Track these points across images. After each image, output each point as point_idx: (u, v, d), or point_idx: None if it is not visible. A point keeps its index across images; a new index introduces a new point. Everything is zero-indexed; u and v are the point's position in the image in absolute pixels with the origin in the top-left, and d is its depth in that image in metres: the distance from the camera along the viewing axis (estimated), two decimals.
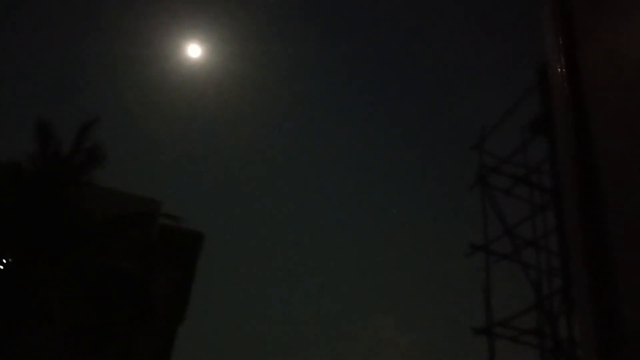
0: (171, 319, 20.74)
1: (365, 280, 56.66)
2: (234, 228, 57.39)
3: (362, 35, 52.30)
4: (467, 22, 50.46)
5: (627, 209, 1.92)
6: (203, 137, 54.92)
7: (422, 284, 54.68)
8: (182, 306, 21.84)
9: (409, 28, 51.50)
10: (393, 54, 52.51)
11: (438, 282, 55.27)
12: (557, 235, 15.35)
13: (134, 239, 17.01)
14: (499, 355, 15.56)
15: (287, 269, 58.81)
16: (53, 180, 15.65)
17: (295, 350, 52.65)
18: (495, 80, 51.58)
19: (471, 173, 17.68)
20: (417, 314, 51.39)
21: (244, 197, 57.14)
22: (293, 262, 58.04)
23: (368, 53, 51.47)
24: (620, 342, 1.79)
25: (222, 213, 53.90)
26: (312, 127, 56.37)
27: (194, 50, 33.20)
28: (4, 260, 15.30)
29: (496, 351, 15.47)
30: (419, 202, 56.77)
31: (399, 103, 55.48)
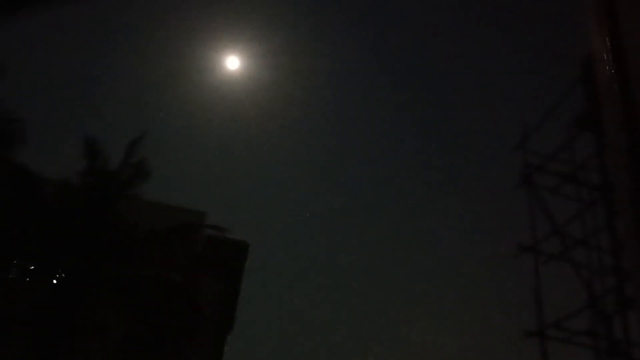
0: (220, 328, 20.95)
1: (413, 283, 56.26)
2: (279, 236, 57.77)
3: (401, 37, 52.13)
4: (508, 17, 49.77)
5: None
6: (244, 147, 55.50)
7: (471, 286, 53.93)
8: (230, 315, 22.03)
9: (449, 27, 51.09)
10: (434, 55, 52.16)
11: (487, 284, 54.49)
12: (608, 232, 14.96)
13: (181, 251, 17.26)
14: (552, 357, 15.24)
15: (333, 274, 58.82)
16: (101, 196, 16.01)
17: (344, 355, 52.52)
18: (537, 76, 50.69)
19: (516, 173, 17.42)
20: (466, 317, 50.75)
21: (287, 205, 57.43)
22: (340, 267, 58.01)
23: (406, 53, 51.23)
24: None
25: (266, 221, 54.31)
26: (350, 135, 56.37)
27: (232, 63, 33.58)
28: (57, 275, 15.72)
29: (549, 353, 15.16)
30: (464, 205, 56.11)
31: (440, 105, 55.05)
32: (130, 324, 15.39)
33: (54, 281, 15.62)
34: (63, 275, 15.60)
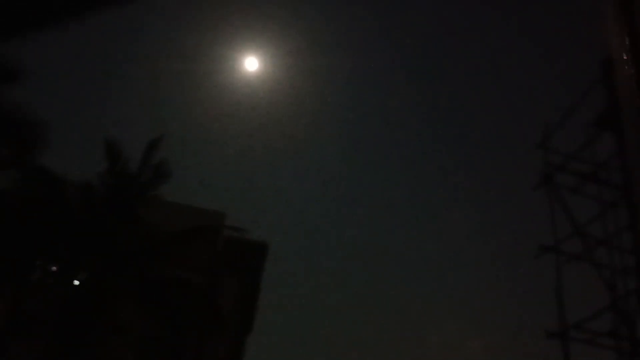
0: (239, 329, 21.04)
1: (433, 284, 56.06)
2: (298, 236, 57.87)
3: (421, 36, 51.94)
4: (528, 16, 49.39)
5: None
6: (263, 148, 55.69)
7: (492, 287, 53.62)
8: (250, 316, 22.12)
9: (469, 26, 50.81)
10: (454, 54, 51.92)
11: (508, 285, 54.11)
12: (630, 232, 14.79)
13: (200, 252, 17.36)
14: (574, 359, 15.10)
15: (354, 275, 58.82)
16: (122, 197, 16.16)
17: (364, 355, 52.50)
18: (557, 75, 50.21)
19: (537, 172, 17.30)
20: (487, 318, 50.38)
21: (307, 205, 57.53)
22: (360, 268, 58.01)
23: (427, 53, 51.05)
24: None
25: (286, 221, 54.46)
26: (370, 135, 56.32)
27: (251, 64, 33.59)
28: (79, 276, 15.91)
29: (571, 355, 15.02)
30: (485, 204, 55.76)
31: (460, 104, 54.80)
32: (151, 325, 15.52)
33: (76, 282, 15.80)
34: (85, 276, 15.78)
